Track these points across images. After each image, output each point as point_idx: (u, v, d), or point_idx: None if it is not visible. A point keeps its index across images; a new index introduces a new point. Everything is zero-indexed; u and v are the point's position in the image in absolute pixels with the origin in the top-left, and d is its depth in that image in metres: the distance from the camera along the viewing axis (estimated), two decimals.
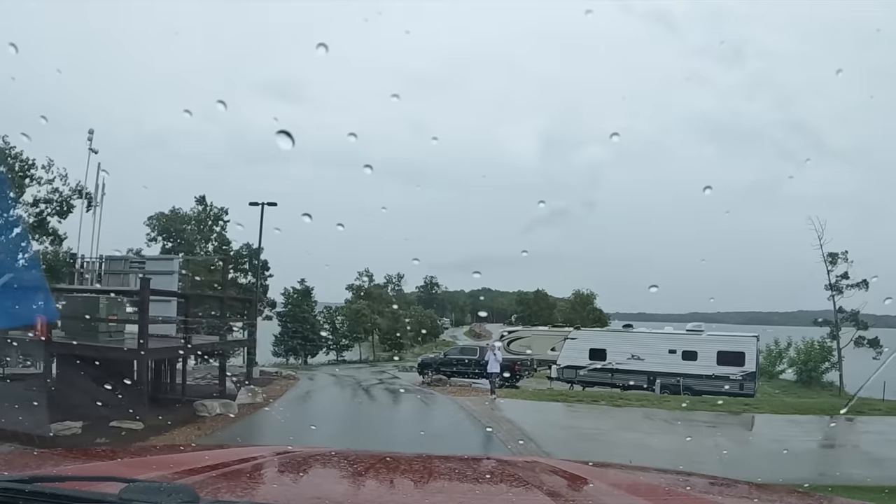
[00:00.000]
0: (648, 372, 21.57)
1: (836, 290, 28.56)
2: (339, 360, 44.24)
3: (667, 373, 21.30)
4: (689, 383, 21.15)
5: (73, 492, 1.10)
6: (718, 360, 21.30)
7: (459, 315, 74.99)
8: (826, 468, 8.75)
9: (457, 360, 23.82)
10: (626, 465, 2.42)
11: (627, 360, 21.90)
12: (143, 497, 1.03)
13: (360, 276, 48.24)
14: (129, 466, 1.66)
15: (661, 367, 21.42)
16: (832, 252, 28.82)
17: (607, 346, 22.20)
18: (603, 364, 22.06)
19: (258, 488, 1.57)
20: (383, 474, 1.76)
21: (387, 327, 46.10)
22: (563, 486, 1.72)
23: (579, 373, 22.17)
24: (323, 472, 1.84)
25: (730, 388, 20.98)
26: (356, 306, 44.74)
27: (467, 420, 12.62)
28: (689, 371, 21.23)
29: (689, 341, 21.72)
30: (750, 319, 34.94)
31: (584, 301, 57.97)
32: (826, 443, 11.66)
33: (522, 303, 63.62)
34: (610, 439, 11.05)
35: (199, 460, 1.71)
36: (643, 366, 21.69)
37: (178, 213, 37.21)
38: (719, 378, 21.09)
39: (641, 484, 1.82)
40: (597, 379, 21.90)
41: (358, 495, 1.52)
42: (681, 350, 21.57)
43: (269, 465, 1.81)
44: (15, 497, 1.07)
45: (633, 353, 21.84)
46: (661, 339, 21.85)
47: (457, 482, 1.77)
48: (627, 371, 21.64)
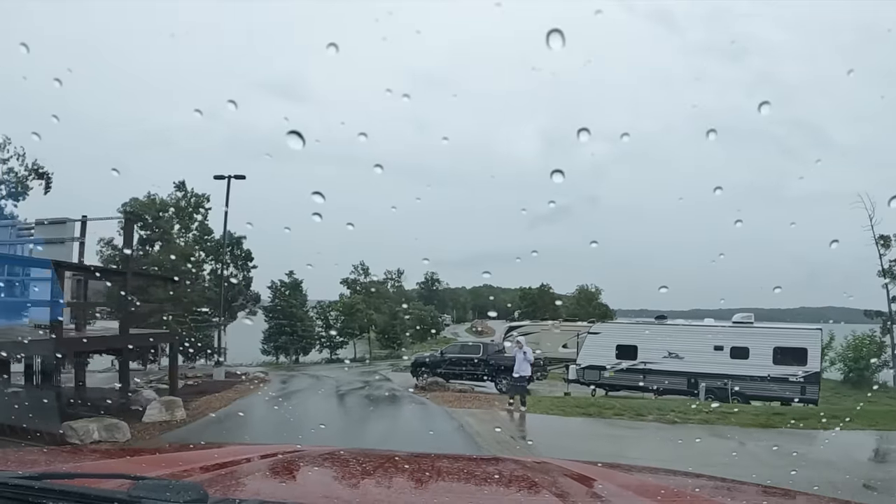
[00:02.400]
0: (689, 373, 17.17)
1: (890, 276, 24.17)
2: (333, 358, 40.02)
3: (712, 374, 16.90)
4: (738, 386, 16.79)
5: (83, 489, 1.07)
6: (775, 359, 16.92)
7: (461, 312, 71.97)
8: None
9: (457, 359, 19.38)
10: (634, 466, 2.17)
11: (663, 359, 17.50)
12: (153, 494, 1.02)
13: (356, 270, 43.84)
14: (139, 464, 1.66)
15: (705, 366, 17.03)
16: (884, 235, 24.47)
17: (638, 342, 17.75)
18: (632, 364, 17.64)
19: (267, 486, 1.48)
20: (392, 474, 1.70)
21: (384, 324, 42.19)
22: (571, 487, 1.63)
23: (603, 374, 17.75)
24: (332, 470, 1.77)
25: (789, 392, 16.64)
26: (350, 301, 40.51)
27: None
28: (739, 372, 16.84)
29: (738, 335, 17.32)
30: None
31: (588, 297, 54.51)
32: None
33: (526, 298, 59.34)
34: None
35: (208, 458, 1.71)
36: (682, 365, 17.29)
37: (153, 199, 32.83)
38: (776, 380, 16.74)
39: (650, 485, 1.76)
40: (625, 382, 17.51)
41: (367, 494, 1.46)
42: (729, 346, 17.16)
43: (277, 463, 1.74)
44: (24, 494, 1.04)
45: (671, 351, 17.43)
46: (704, 334, 17.44)
47: (465, 482, 1.73)
48: (663, 372, 17.22)
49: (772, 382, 16.71)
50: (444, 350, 20.60)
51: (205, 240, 34.12)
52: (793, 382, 16.61)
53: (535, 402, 14.45)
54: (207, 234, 34.29)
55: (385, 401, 14.18)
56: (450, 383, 18.05)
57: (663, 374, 17.11)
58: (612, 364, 17.66)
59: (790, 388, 16.57)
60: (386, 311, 43.17)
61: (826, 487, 4.43)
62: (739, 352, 17.03)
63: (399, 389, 16.69)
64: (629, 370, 17.48)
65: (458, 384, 18.28)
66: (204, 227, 34.22)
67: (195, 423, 9.66)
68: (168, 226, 32.66)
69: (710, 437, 9.73)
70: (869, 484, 6.36)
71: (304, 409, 12.39)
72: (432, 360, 19.86)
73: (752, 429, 10.63)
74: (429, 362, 19.82)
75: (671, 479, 1.93)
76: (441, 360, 19.61)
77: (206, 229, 34.24)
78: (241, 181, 21.23)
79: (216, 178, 20.69)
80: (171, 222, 33.17)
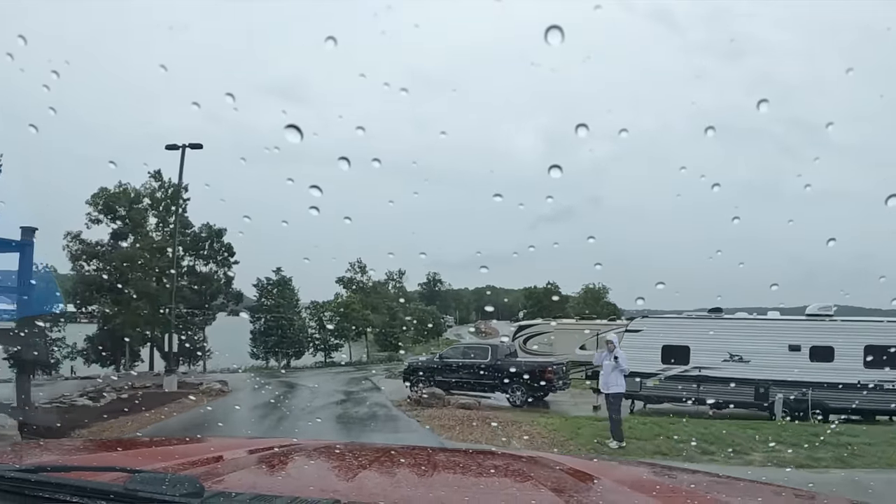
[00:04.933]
0: (758, 381, 12.96)
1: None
2: (328, 361, 36.06)
3: (788, 381, 12.71)
4: (821, 397, 12.64)
5: (79, 482, 1.04)
6: (867, 361, 12.68)
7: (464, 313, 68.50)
8: None
9: (460, 364, 15.16)
10: (631, 461, 2.22)
11: (723, 363, 13.28)
12: (149, 488, 0.99)
13: (352, 268, 39.72)
14: (135, 457, 1.60)
15: (779, 372, 12.84)
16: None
17: (691, 341, 13.48)
18: (683, 369, 13.42)
19: (263, 480, 1.46)
20: (388, 467, 1.64)
21: (382, 324, 38.23)
22: (567, 482, 1.57)
23: (646, 383, 13.48)
24: (328, 464, 1.69)
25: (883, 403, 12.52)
26: (345, 300, 36.51)
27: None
28: (821, 378, 12.66)
29: (817, 332, 13.14)
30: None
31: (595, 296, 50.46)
32: None
33: (531, 297, 55.43)
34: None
35: (204, 451, 1.68)
36: (748, 371, 13.08)
37: (126, 188, 28.83)
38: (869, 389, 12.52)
39: (646, 480, 1.71)
40: (673, 393, 13.32)
41: (363, 488, 1.38)
42: (808, 345, 12.97)
43: (274, 457, 1.69)
44: (21, 487, 1.03)
45: (733, 353, 13.23)
46: (775, 330, 13.25)
47: (462, 476, 1.66)
48: (723, 379, 13.00)
49: (864, 392, 12.49)
50: (444, 354, 16.17)
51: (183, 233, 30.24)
52: (892, 391, 12.44)
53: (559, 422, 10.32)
54: (187, 227, 30.42)
55: (358, 425, 10.04)
56: (450, 395, 13.91)
57: (723, 383, 12.89)
58: (658, 369, 13.40)
59: (889, 398, 12.39)
60: (384, 310, 39.25)
61: None
62: (821, 352, 12.84)
63: (385, 405, 12.58)
64: (679, 377, 13.29)
65: (461, 396, 14.14)
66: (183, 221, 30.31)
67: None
68: (140, 217, 28.66)
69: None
70: None
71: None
72: (429, 366, 15.61)
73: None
74: (425, 368, 15.57)
75: (667, 474, 1.89)
76: (440, 366, 15.38)
77: (186, 222, 30.36)
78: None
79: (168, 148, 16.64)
80: (145, 214, 29.18)
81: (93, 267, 28.01)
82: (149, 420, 9.49)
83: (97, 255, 27.99)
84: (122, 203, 28.72)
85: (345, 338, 36.80)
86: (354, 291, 38.96)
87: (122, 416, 9.76)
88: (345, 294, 38.71)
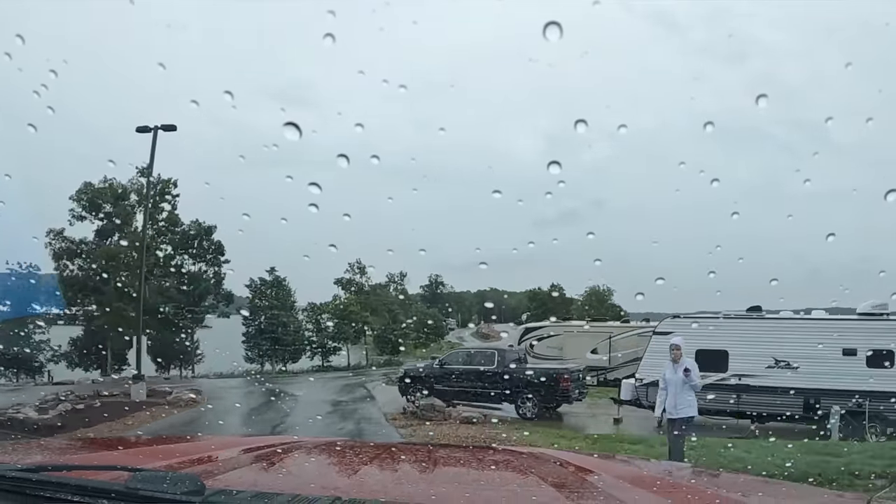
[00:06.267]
0: (807, 390, 11.03)
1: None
2: (326, 365, 34.26)
3: (842, 391, 10.78)
4: (879, 409, 10.72)
5: (80, 480, 1.03)
6: None
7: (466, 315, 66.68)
8: None
9: (462, 371, 13.23)
10: (631, 458, 2.17)
11: (766, 370, 11.35)
12: (150, 486, 0.98)
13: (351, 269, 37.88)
14: (136, 456, 1.61)
15: (832, 380, 10.92)
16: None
17: (729, 345, 11.55)
18: (721, 377, 11.45)
19: (264, 477, 1.43)
20: (389, 464, 1.63)
21: (382, 326, 36.48)
22: (568, 478, 1.55)
23: None
24: (329, 461, 1.70)
25: None
26: (342, 302, 34.73)
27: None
28: (879, 387, 10.74)
29: (873, 332, 11.23)
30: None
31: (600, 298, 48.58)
32: None
33: (535, 299, 53.55)
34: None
35: (205, 449, 1.66)
36: (796, 379, 11.13)
37: (111, 184, 27.08)
38: None
39: (646, 476, 1.71)
40: (709, 404, 11.38)
41: (364, 485, 1.37)
42: (865, 350, 11.05)
43: (275, 454, 1.65)
44: (22, 486, 1.01)
45: (778, 358, 11.30)
46: (824, 332, 11.32)
47: (463, 472, 1.65)
48: (767, 389, 11.09)
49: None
50: (445, 360, 14.16)
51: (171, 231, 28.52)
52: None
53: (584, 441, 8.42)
54: (175, 224, 28.68)
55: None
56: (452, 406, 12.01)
57: (767, 393, 10.98)
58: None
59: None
60: (384, 312, 37.51)
61: None
62: (879, 358, 10.93)
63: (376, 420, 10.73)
64: (716, 386, 11.35)
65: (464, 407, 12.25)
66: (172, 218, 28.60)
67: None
68: (126, 214, 26.88)
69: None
70: None
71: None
72: (427, 373, 13.68)
73: None
74: (423, 376, 13.64)
75: (667, 471, 1.84)
76: (440, 373, 13.45)
77: (174, 219, 28.63)
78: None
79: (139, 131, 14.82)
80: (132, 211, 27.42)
81: (76, 266, 26.32)
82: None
83: (80, 253, 26.31)
84: (108, 199, 27.00)
85: (343, 340, 35.07)
86: (354, 293, 37.30)
87: (44, 432, 7.97)
88: (343, 296, 37.05)
